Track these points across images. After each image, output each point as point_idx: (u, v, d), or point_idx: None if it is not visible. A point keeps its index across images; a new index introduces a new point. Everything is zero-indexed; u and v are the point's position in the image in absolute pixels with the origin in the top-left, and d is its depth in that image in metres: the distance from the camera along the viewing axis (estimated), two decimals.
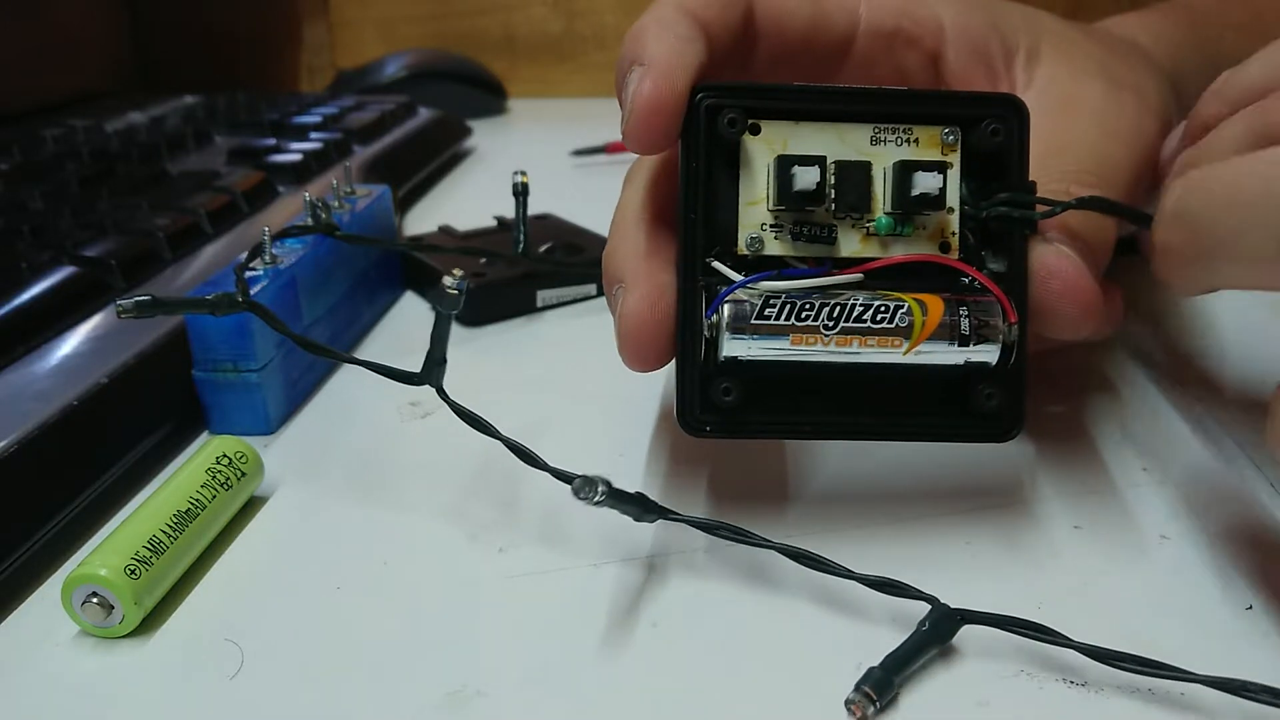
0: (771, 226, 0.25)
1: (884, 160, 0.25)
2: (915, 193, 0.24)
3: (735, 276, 0.24)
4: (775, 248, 0.25)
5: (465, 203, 0.59)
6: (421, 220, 0.55)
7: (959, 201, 0.25)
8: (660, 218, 0.27)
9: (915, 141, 0.25)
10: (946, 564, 0.26)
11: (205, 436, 0.33)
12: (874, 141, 0.25)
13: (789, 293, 0.24)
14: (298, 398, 0.35)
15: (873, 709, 0.21)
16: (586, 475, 0.22)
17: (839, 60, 0.31)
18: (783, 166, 0.24)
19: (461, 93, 0.83)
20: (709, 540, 0.26)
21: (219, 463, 0.28)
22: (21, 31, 0.73)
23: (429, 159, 0.64)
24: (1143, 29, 0.39)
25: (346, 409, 0.35)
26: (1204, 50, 0.40)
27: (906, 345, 0.24)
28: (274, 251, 0.35)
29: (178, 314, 0.32)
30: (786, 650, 0.23)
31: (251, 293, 0.30)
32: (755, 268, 0.25)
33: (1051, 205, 0.25)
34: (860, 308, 0.24)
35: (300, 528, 0.29)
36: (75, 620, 0.24)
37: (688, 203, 0.25)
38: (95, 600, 0.24)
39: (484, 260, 0.43)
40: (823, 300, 0.24)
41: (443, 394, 0.26)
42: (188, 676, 0.23)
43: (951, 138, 0.25)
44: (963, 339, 0.24)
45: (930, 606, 0.23)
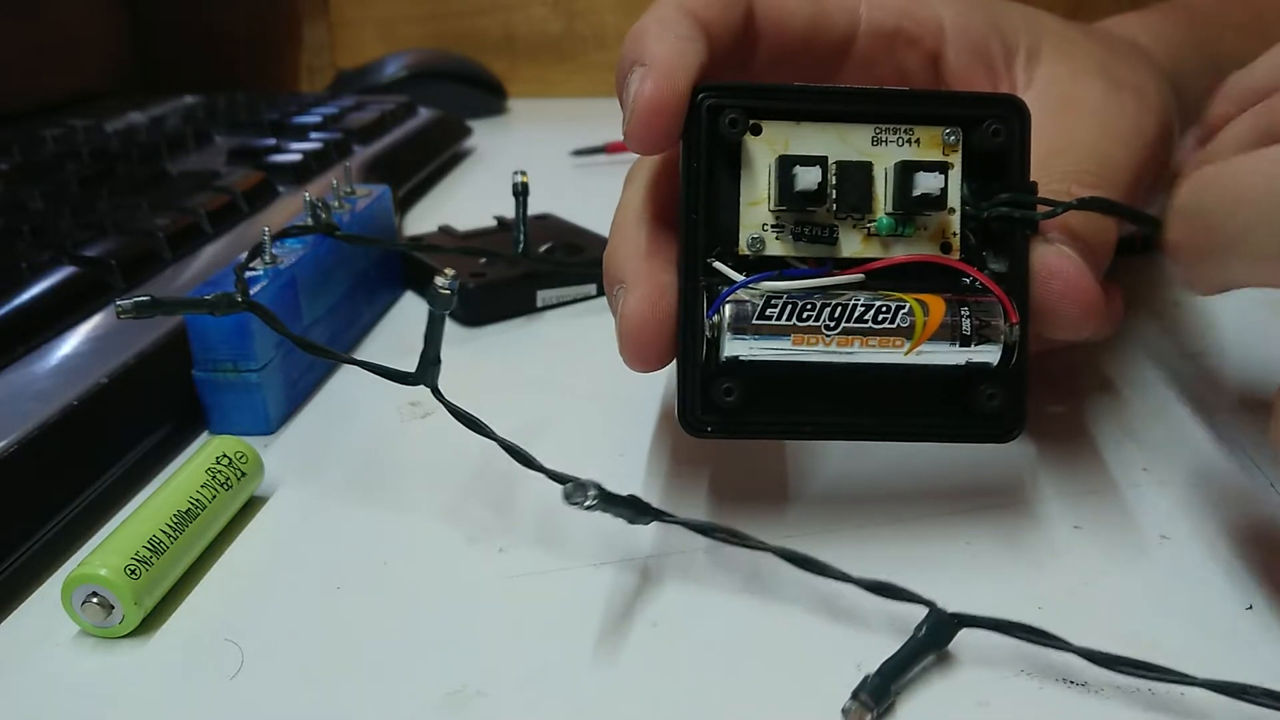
0: (773, 227, 0.25)
1: (885, 161, 0.25)
2: (916, 193, 0.24)
3: (736, 276, 0.24)
4: (776, 248, 0.25)
5: (465, 203, 0.59)
6: (421, 220, 0.55)
7: (960, 202, 0.25)
8: (661, 218, 0.27)
9: (916, 142, 0.25)
10: (946, 564, 0.26)
11: (205, 436, 0.33)
12: (875, 142, 0.25)
13: (790, 293, 0.24)
14: (298, 398, 0.35)
15: (870, 716, 0.21)
16: (578, 479, 0.22)
17: (839, 60, 0.31)
18: (784, 166, 0.24)
19: (461, 93, 0.83)
20: (708, 540, 0.26)
21: (219, 463, 0.28)
22: (21, 31, 0.73)
23: (429, 159, 0.64)
24: (1143, 29, 0.39)
25: (346, 409, 0.35)
26: (1204, 50, 0.40)
27: (908, 345, 0.24)
28: (274, 251, 0.35)
29: (178, 314, 0.32)
30: (786, 650, 0.23)
31: (251, 293, 0.30)
32: (756, 268, 0.25)
33: (1053, 205, 0.25)
34: (862, 308, 0.24)
35: (300, 528, 0.29)
36: (75, 620, 0.24)
37: (689, 203, 0.25)
38: (95, 600, 0.24)
39: (484, 260, 0.43)
40: (824, 300, 0.24)
41: (438, 394, 0.26)
42: (188, 676, 0.23)
43: (953, 138, 0.25)
44: (964, 339, 0.24)
45: (928, 610, 0.23)
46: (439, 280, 0.25)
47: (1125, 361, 0.36)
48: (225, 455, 0.28)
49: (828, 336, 0.24)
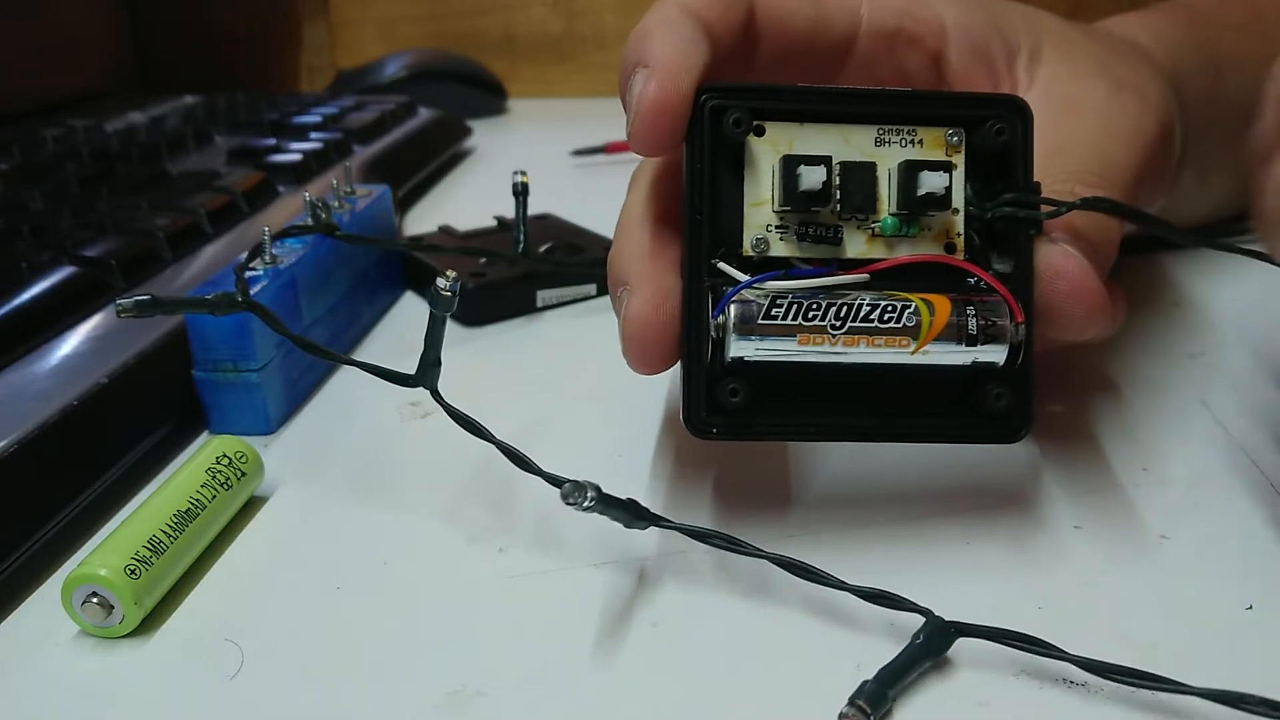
0: (777, 228, 0.25)
1: (889, 161, 0.25)
2: (921, 192, 0.24)
3: (741, 277, 0.24)
4: (781, 249, 0.25)
5: (465, 203, 0.59)
6: (421, 220, 0.55)
7: (964, 202, 0.25)
8: (665, 219, 0.27)
9: (919, 143, 0.25)
10: (946, 564, 0.26)
11: (205, 436, 0.33)
12: (878, 143, 0.25)
13: (795, 292, 0.24)
14: (298, 398, 0.35)
15: None
16: (576, 480, 0.22)
17: (841, 60, 0.31)
18: (788, 166, 0.24)
19: (461, 93, 0.83)
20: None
21: (219, 463, 0.28)
22: (21, 31, 0.73)
23: (429, 159, 0.64)
24: (1143, 29, 0.39)
25: (346, 409, 0.35)
26: (1204, 50, 0.40)
27: (914, 345, 0.24)
28: (274, 251, 0.35)
29: (178, 314, 0.32)
30: (785, 652, 0.23)
31: (251, 293, 0.30)
32: (760, 269, 0.25)
33: (1056, 205, 0.25)
34: (867, 307, 0.24)
35: (300, 528, 0.29)
36: (75, 620, 0.24)
37: (693, 204, 0.25)
38: (95, 600, 0.24)
39: (484, 260, 0.43)
40: (829, 300, 0.24)
41: (437, 396, 0.26)
42: (188, 676, 0.23)
43: (956, 139, 0.25)
44: (970, 339, 0.24)
45: (924, 619, 0.23)
46: (440, 281, 0.25)
47: (1125, 361, 0.36)
48: (225, 455, 0.28)
49: (833, 336, 0.24)
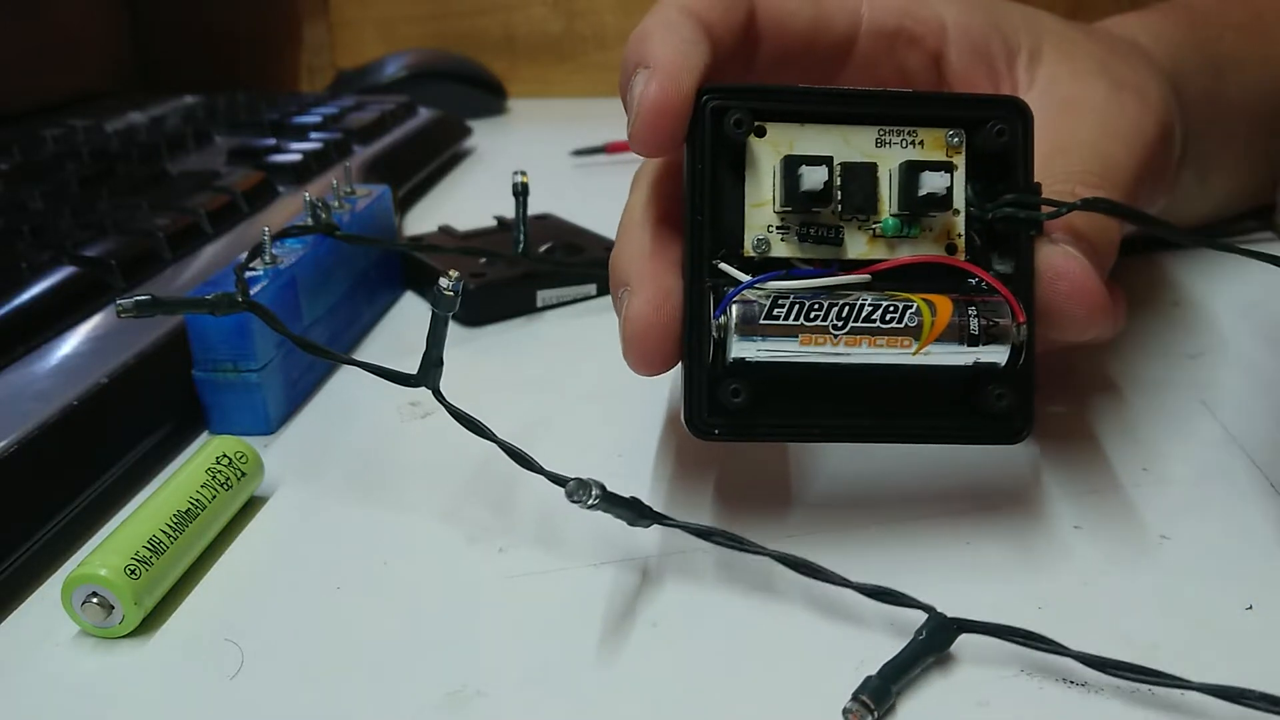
0: (778, 228, 0.25)
1: (889, 162, 0.25)
2: (922, 192, 0.24)
3: (743, 277, 0.24)
4: (782, 249, 0.25)
5: (465, 203, 0.59)
6: (421, 220, 0.55)
7: (964, 203, 0.25)
8: (666, 220, 0.27)
9: (920, 144, 0.25)
10: (947, 564, 0.26)
11: (205, 436, 0.33)
12: (879, 144, 0.25)
13: (797, 293, 0.24)
14: (298, 398, 0.35)
15: (870, 718, 0.21)
16: (581, 479, 0.22)
17: (841, 61, 0.31)
18: (790, 166, 0.24)
19: (461, 93, 0.83)
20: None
21: (219, 463, 0.28)
22: (21, 31, 0.73)
23: (429, 159, 0.64)
24: (1143, 29, 0.39)
25: (346, 409, 0.35)
26: (1204, 50, 0.40)
27: (916, 345, 0.24)
28: (274, 251, 0.35)
29: (178, 314, 0.32)
30: (786, 652, 0.23)
31: (251, 293, 0.30)
32: (762, 270, 0.25)
33: (1057, 206, 0.25)
34: (869, 307, 0.24)
35: (300, 528, 0.29)
36: (75, 620, 0.24)
37: (694, 204, 0.25)
38: (95, 600, 0.24)
39: (484, 260, 0.43)
40: (831, 300, 0.24)
41: (439, 396, 0.26)
42: (188, 676, 0.23)
43: (956, 140, 0.25)
44: (972, 339, 0.24)
45: (927, 615, 0.23)
46: (443, 281, 0.25)
47: (1125, 361, 0.36)
48: (225, 455, 0.28)
49: (835, 336, 0.24)
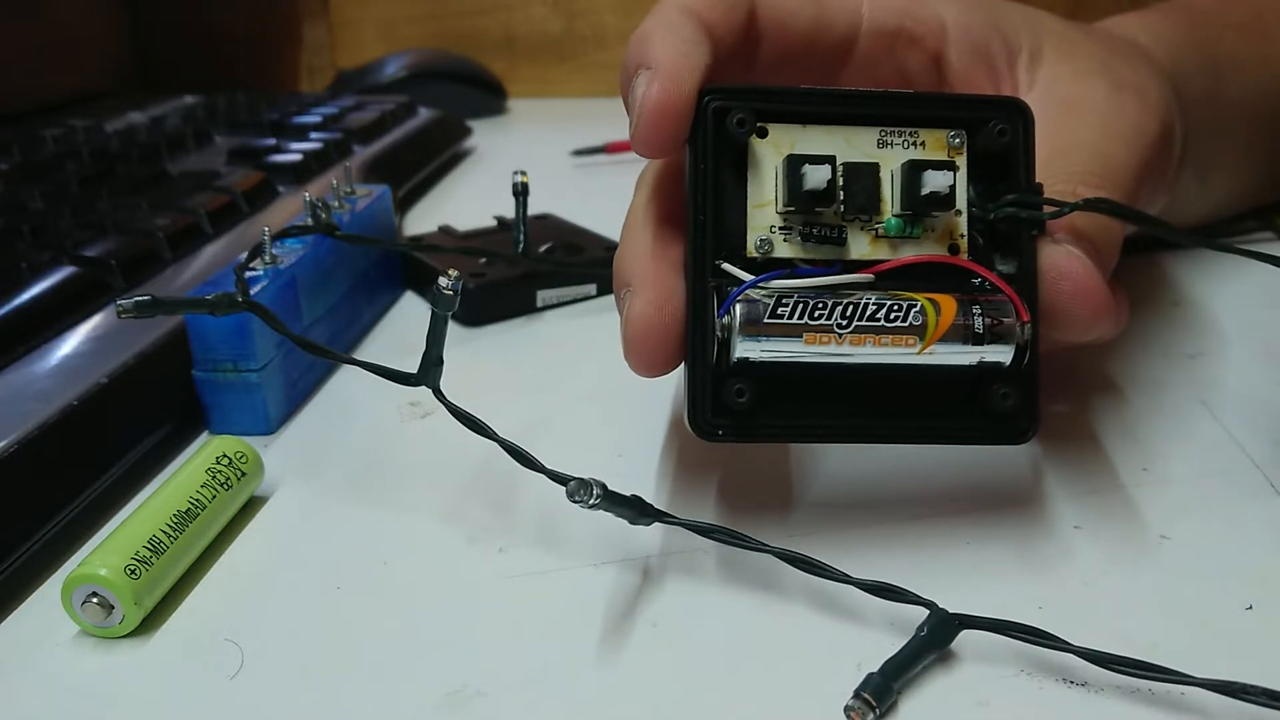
0: (780, 229, 0.25)
1: (891, 162, 0.25)
2: (925, 191, 0.24)
3: (746, 277, 0.24)
4: (785, 250, 0.25)
5: (465, 203, 0.59)
6: (421, 220, 0.55)
7: (966, 203, 0.25)
8: (669, 221, 0.27)
9: (921, 144, 0.25)
10: (947, 564, 0.26)
11: (205, 436, 0.33)
12: (881, 144, 0.25)
13: (801, 292, 0.24)
14: (298, 398, 0.35)
15: (872, 715, 0.21)
16: (582, 478, 0.22)
17: (841, 61, 0.31)
18: (792, 166, 0.24)
19: (461, 93, 0.83)
20: (709, 541, 0.26)
21: (219, 463, 0.28)
22: (21, 31, 0.73)
23: (429, 159, 0.64)
24: (1143, 29, 0.39)
25: (346, 409, 0.35)
26: (1204, 50, 0.40)
27: (920, 345, 0.24)
28: (274, 251, 0.35)
29: (178, 314, 0.32)
30: (787, 651, 0.23)
31: (251, 293, 0.30)
32: (764, 270, 0.25)
33: (1058, 206, 0.25)
34: (873, 307, 0.24)
35: (300, 528, 0.29)
36: (75, 620, 0.24)
37: (696, 205, 0.25)
38: (95, 600, 0.24)
39: (484, 260, 0.43)
40: (835, 299, 0.24)
41: (439, 395, 0.26)
42: (188, 676, 0.23)
43: (957, 140, 0.25)
44: (976, 338, 0.24)
45: (928, 611, 0.23)
46: (442, 281, 0.25)
47: (1126, 361, 0.36)
48: (225, 455, 0.28)
49: (840, 335, 0.24)
